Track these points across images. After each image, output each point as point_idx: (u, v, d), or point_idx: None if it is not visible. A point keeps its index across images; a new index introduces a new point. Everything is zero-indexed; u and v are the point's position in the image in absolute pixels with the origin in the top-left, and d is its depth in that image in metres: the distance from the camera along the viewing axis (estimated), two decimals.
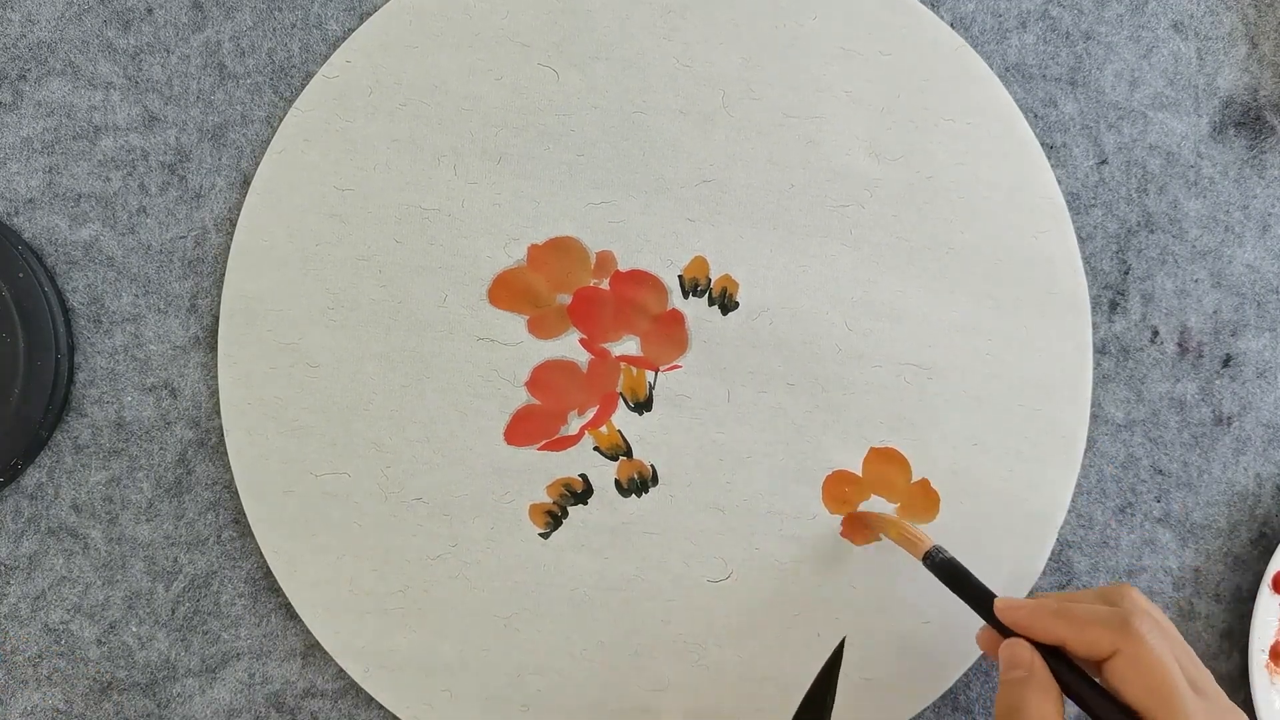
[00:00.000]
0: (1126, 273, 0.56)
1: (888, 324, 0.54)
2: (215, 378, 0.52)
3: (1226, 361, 0.57)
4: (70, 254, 0.52)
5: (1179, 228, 0.57)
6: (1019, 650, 0.46)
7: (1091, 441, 0.56)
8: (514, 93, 0.52)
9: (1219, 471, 0.57)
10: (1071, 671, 0.45)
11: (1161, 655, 0.43)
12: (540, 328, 0.52)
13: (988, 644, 0.49)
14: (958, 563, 0.50)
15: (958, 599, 0.49)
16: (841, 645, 0.50)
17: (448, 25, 0.52)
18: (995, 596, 0.48)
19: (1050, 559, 0.56)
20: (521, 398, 0.53)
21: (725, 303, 0.53)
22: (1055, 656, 0.45)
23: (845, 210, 0.54)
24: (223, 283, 0.52)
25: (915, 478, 0.54)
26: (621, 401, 0.53)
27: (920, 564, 0.50)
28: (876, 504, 0.54)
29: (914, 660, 0.55)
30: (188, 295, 0.52)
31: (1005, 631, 0.47)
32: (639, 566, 0.53)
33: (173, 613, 0.53)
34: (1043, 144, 0.55)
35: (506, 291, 0.52)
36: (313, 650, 0.53)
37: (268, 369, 0.51)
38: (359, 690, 0.53)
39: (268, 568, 0.53)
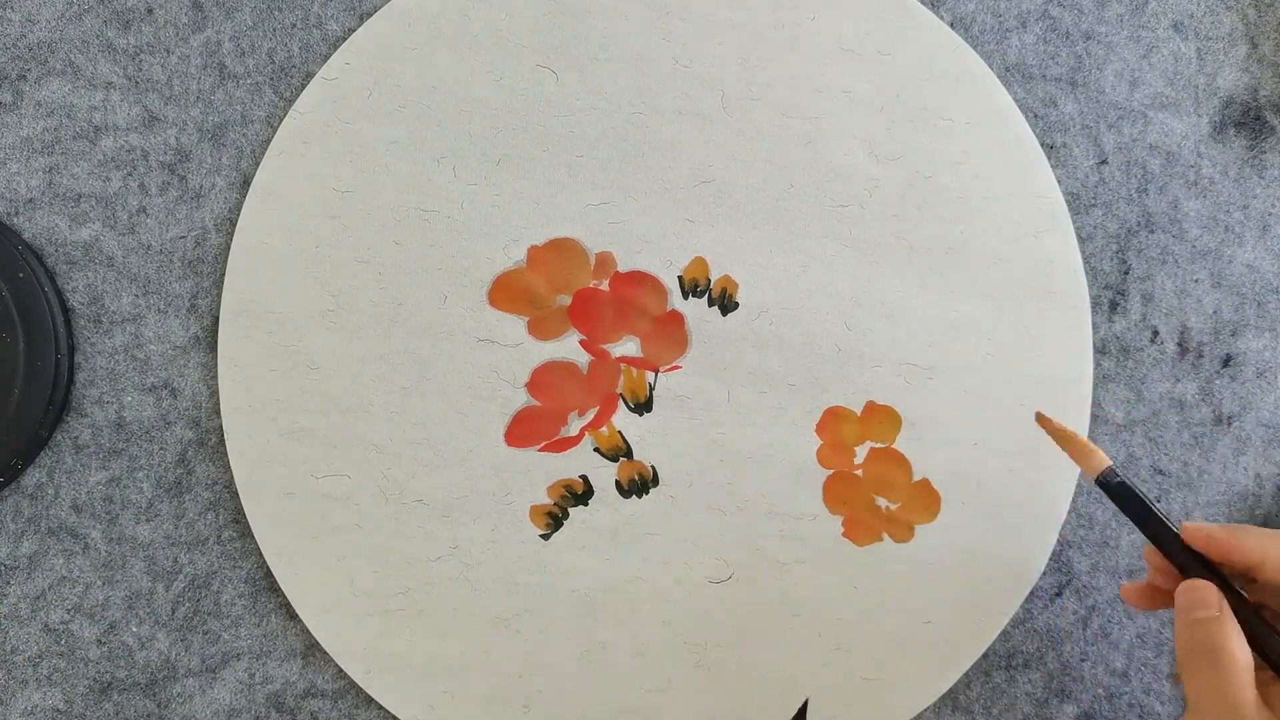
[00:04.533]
0: (1126, 273, 0.56)
1: (888, 324, 0.54)
2: (215, 378, 0.52)
3: (1226, 361, 0.57)
4: (70, 254, 0.52)
5: (1179, 228, 0.57)
6: (1205, 593, 0.45)
7: (1092, 441, 0.56)
8: (513, 94, 0.52)
9: (1219, 471, 0.57)
10: (1245, 608, 0.45)
11: None
12: (540, 329, 0.52)
13: (1140, 596, 0.49)
14: (1137, 488, 0.48)
15: (958, 599, 0.49)
16: (804, 707, 0.50)
17: (447, 27, 0.52)
18: (1181, 523, 0.47)
19: (1050, 559, 0.56)
20: (521, 399, 0.53)
21: (725, 303, 0.53)
22: (1228, 593, 0.45)
23: (845, 210, 0.54)
24: (223, 283, 0.52)
25: (916, 478, 0.54)
26: (622, 402, 0.53)
27: (921, 562, 0.50)
28: (877, 504, 0.54)
29: (914, 660, 0.55)
30: (188, 295, 0.52)
31: (1184, 566, 0.46)
32: (640, 567, 0.53)
33: (173, 613, 0.53)
34: (1043, 144, 0.55)
35: (506, 293, 0.52)
36: (313, 650, 0.53)
37: (268, 372, 0.52)
38: (359, 690, 0.53)
39: (268, 568, 0.53)
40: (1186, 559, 0.46)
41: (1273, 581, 0.45)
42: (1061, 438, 0.51)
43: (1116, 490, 0.48)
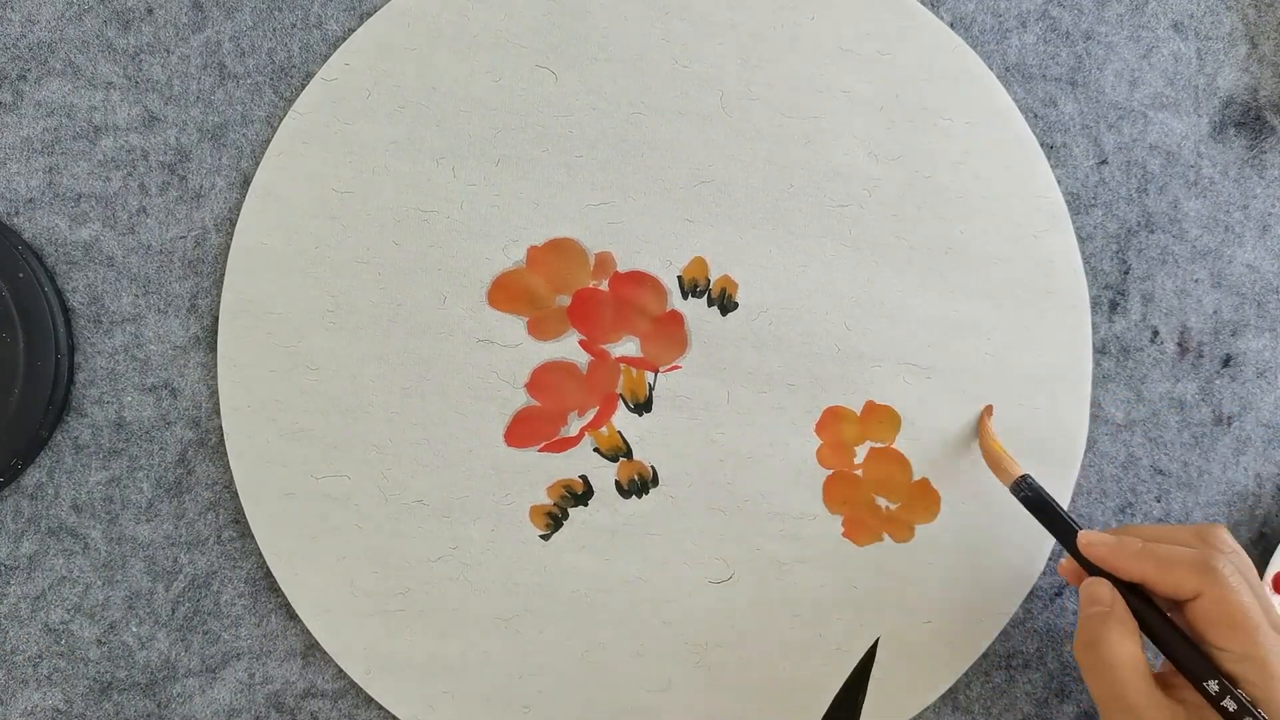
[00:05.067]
0: (1126, 273, 0.56)
1: (887, 324, 0.54)
2: (215, 378, 0.52)
3: (1226, 361, 0.57)
4: (70, 254, 0.52)
5: (1179, 228, 0.57)
6: (1098, 589, 0.47)
7: (1091, 441, 0.56)
8: (512, 94, 0.52)
9: (1219, 471, 0.57)
10: (1150, 609, 0.46)
11: (1244, 598, 0.44)
12: (540, 329, 0.52)
13: (1071, 574, 0.51)
14: (1046, 495, 0.50)
15: (958, 599, 0.49)
16: (874, 646, 0.50)
17: (446, 27, 0.52)
18: (1079, 530, 0.49)
19: (1050, 559, 0.56)
20: (521, 399, 0.53)
21: (725, 303, 0.53)
22: (1134, 593, 0.47)
23: (844, 210, 0.54)
24: (223, 283, 0.52)
25: (915, 477, 0.54)
26: (621, 403, 0.53)
27: (921, 562, 0.50)
28: (877, 504, 0.54)
29: (914, 660, 0.55)
30: (188, 295, 0.52)
31: (1089, 566, 0.48)
32: (640, 568, 0.53)
33: (173, 613, 0.53)
34: (1043, 144, 0.55)
35: (506, 293, 0.52)
36: (313, 650, 0.53)
37: (268, 372, 0.51)
38: (359, 691, 0.53)
39: (268, 568, 0.53)
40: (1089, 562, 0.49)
41: (1163, 598, 0.47)
42: (983, 443, 0.52)
43: (1029, 501, 0.50)
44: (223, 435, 0.52)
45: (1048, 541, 0.55)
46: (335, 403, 0.52)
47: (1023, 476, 0.51)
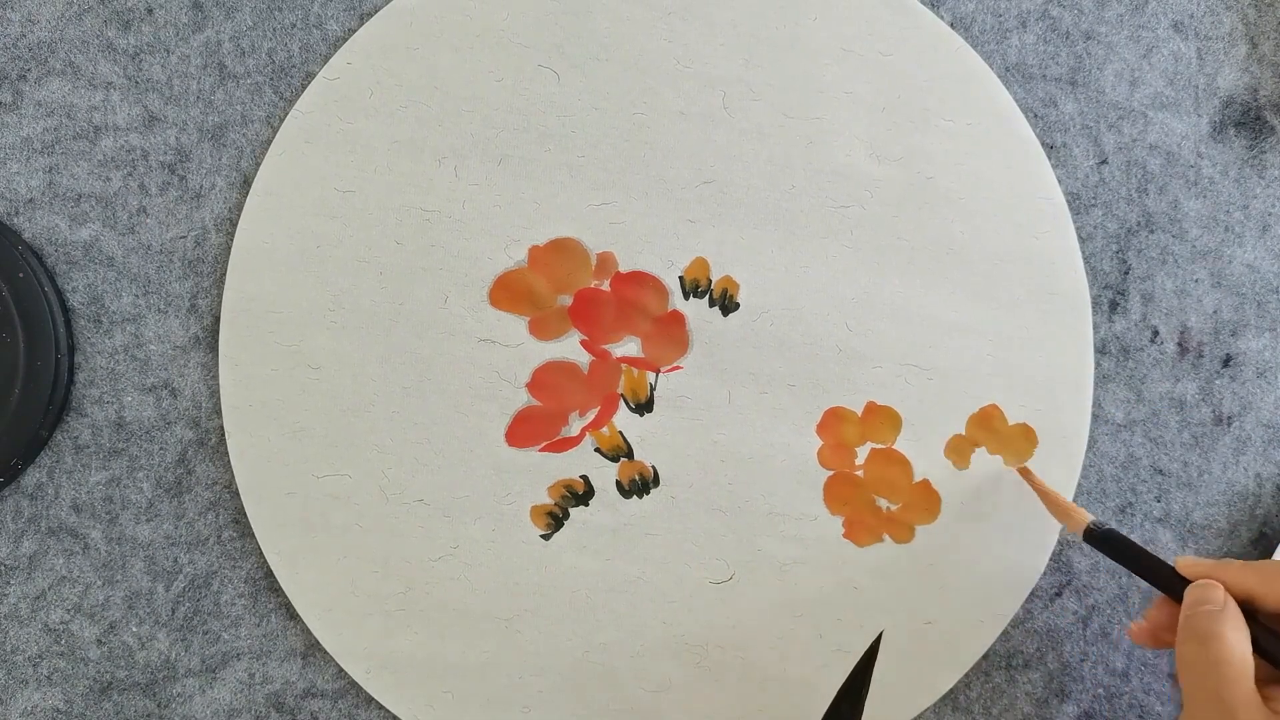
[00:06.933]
0: (1126, 273, 0.56)
1: (888, 324, 0.54)
2: (215, 378, 0.52)
3: (1226, 361, 0.57)
4: (70, 254, 0.52)
5: (1179, 228, 0.57)
6: (1211, 590, 0.46)
7: (1091, 441, 0.56)
8: (515, 94, 0.52)
9: (1219, 471, 0.57)
10: (1254, 622, 0.45)
11: None
12: (541, 329, 0.52)
13: (1146, 636, 0.49)
14: (1120, 533, 0.50)
15: (958, 599, 0.49)
16: (878, 640, 0.50)
17: (448, 27, 0.52)
18: (1169, 564, 0.48)
19: (1050, 559, 0.56)
20: (522, 399, 0.53)
21: (726, 304, 0.53)
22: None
23: (846, 211, 0.54)
24: (223, 283, 0.52)
25: (916, 478, 0.54)
26: (622, 403, 0.53)
27: (921, 562, 0.50)
28: (878, 505, 0.55)
29: (914, 660, 0.55)
30: (188, 295, 0.52)
31: (1178, 594, 0.47)
32: (640, 568, 0.53)
33: (173, 613, 0.53)
34: (1043, 144, 0.55)
35: (507, 293, 0.52)
36: (313, 650, 0.53)
37: (269, 371, 0.51)
38: (359, 690, 0.53)
39: (268, 567, 0.53)
40: (1184, 589, 0.47)
41: (1271, 612, 0.46)
42: (1044, 495, 0.52)
43: (1104, 539, 0.49)
44: (223, 435, 0.52)
45: (1048, 542, 0.55)
46: (336, 402, 0.52)
47: (1094, 521, 0.50)
